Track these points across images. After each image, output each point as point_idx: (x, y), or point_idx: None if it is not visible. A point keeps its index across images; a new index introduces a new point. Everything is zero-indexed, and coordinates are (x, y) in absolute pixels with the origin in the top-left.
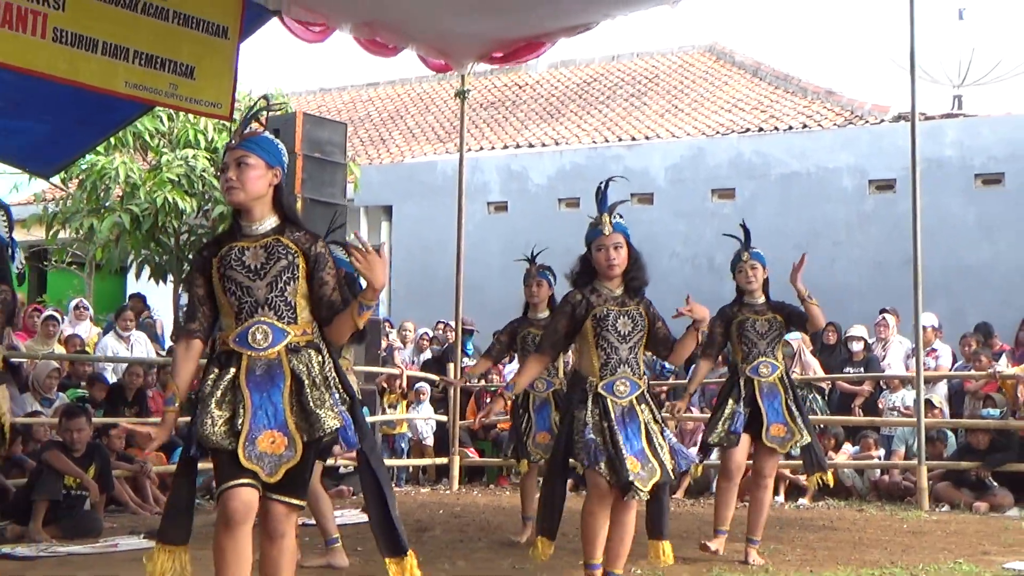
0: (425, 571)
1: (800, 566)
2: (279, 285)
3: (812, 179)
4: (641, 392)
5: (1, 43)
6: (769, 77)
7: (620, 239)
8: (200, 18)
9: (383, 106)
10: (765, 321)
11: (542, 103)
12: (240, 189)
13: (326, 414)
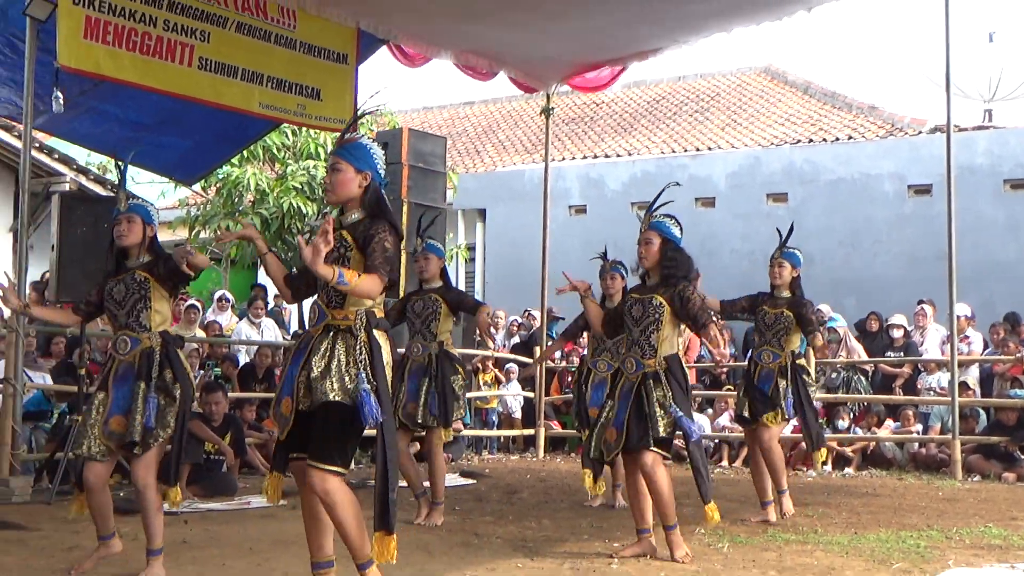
0: (515, 527)
1: (846, 528)
2: (343, 262)
3: (856, 184)
4: (651, 371)
5: (155, 71)
6: (818, 94)
7: (652, 235)
8: (323, 47)
9: (478, 122)
10: (774, 315)
11: (616, 118)
12: (331, 192)
13: (328, 386)
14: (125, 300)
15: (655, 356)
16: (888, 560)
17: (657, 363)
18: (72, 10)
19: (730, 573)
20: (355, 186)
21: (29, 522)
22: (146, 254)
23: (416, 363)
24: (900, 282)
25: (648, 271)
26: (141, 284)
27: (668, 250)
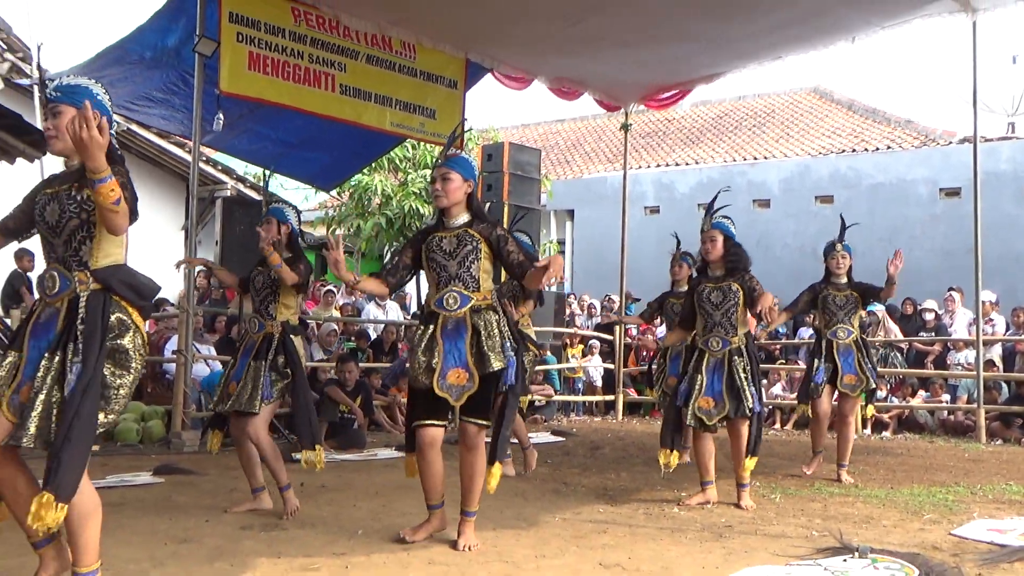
0: (597, 478)
1: (883, 484)
2: (466, 263)
3: (894, 188)
4: (735, 347)
5: (305, 96)
6: (860, 110)
7: (715, 234)
8: (439, 75)
9: (567, 136)
10: (843, 296)
11: (685, 132)
12: (444, 197)
13: (495, 357)
14: (261, 290)
15: (737, 334)
16: (920, 512)
17: (739, 340)
18: (236, 47)
19: (782, 520)
20: (462, 192)
21: (197, 468)
22: (285, 250)
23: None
24: (933, 272)
25: (711, 264)
26: (275, 280)
27: (730, 246)
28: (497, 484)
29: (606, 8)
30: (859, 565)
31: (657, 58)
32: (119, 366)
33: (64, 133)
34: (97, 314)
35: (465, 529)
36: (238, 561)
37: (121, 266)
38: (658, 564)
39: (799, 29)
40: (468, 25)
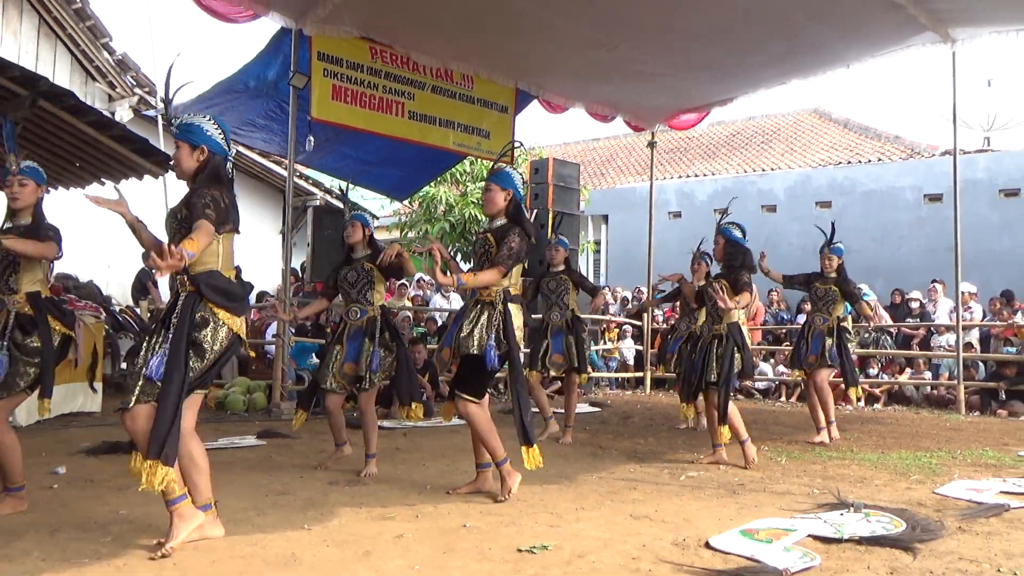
0: (628, 442)
1: (875, 449)
2: (482, 262)
3: (884, 195)
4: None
5: (379, 121)
6: (855, 127)
7: (719, 238)
8: (493, 102)
9: (602, 152)
10: (824, 290)
11: (703, 148)
12: (486, 206)
13: (470, 342)
14: (356, 283)
15: (720, 323)
16: (907, 473)
17: (721, 328)
18: (323, 81)
19: (787, 479)
20: (501, 201)
21: (293, 432)
22: (366, 249)
23: (556, 326)
24: (918, 267)
25: (720, 263)
26: (368, 272)
27: (728, 247)
28: (536, 461)
29: (635, 38)
30: (854, 518)
31: (678, 85)
32: (196, 354)
33: (179, 165)
34: (186, 312)
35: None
36: (326, 510)
37: (212, 272)
38: (680, 516)
39: (801, 59)
40: (517, 59)
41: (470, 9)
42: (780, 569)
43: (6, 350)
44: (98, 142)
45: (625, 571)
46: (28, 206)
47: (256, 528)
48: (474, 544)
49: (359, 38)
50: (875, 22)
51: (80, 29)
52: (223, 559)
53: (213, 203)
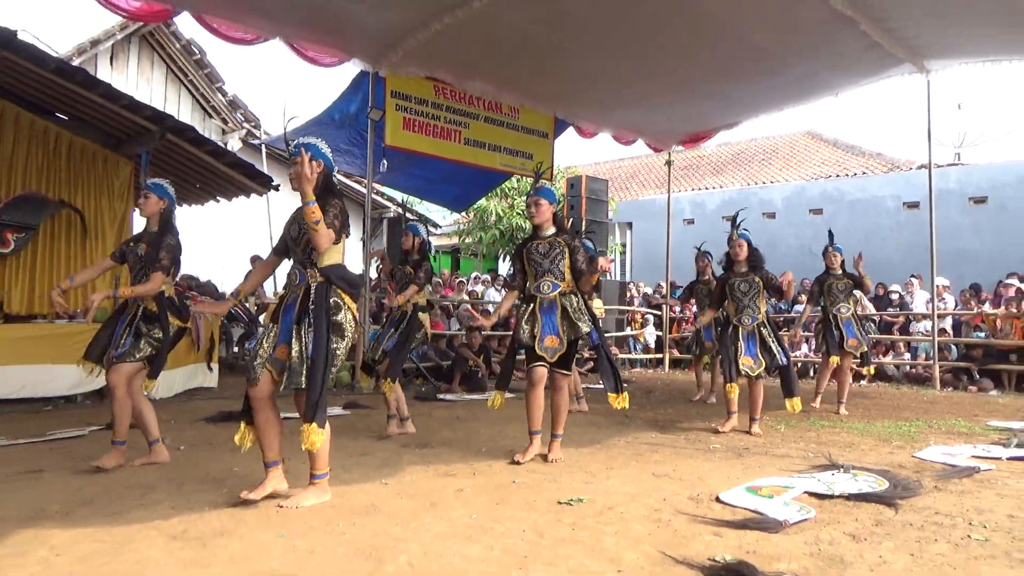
0: (651, 413)
1: (861, 419)
2: (556, 261)
3: (868, 203)
4: (760, 322)
5: (440, 147)
6: (843, 145)
7: (742, 242)
8: (534, 128)
9: (627, 169)
10: (842, 283)
11: (712, 165)
12: (537, 216)
13: (582, 325)
14: (399, 282)
15: (760, 312)
16: (889, 439)
17: (762, 316)
18: (395, 114)
19: (786, 444)
20: (549, 212)
21: (371, 404)
22: (416, 254)
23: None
24: (898, 264)
25: (737, 263)
26: (407, 275)
27: (752, 249)
28: (623, 403)
29: (652, 75)
30: (844, 478)
31: (690, 112)
32: (337, 335)
33: (300, 176)
34: (322, 298)
35: (554, 447)
36: (399, 468)
37: (338, 265)
38: (695, 475)
39: (795, 88)
40: (555, 93)
41: (514, 53)
42: (780, 520)
43: (133, 334)
44: (214, 167)
45: (648, 521)
46: (153, 215)
47: (343, 483)
48: (522, 497)
49: (424, 78)
50: (858, 57)
51: (199, 76)
52: (317, 508)
53: (341, 215)
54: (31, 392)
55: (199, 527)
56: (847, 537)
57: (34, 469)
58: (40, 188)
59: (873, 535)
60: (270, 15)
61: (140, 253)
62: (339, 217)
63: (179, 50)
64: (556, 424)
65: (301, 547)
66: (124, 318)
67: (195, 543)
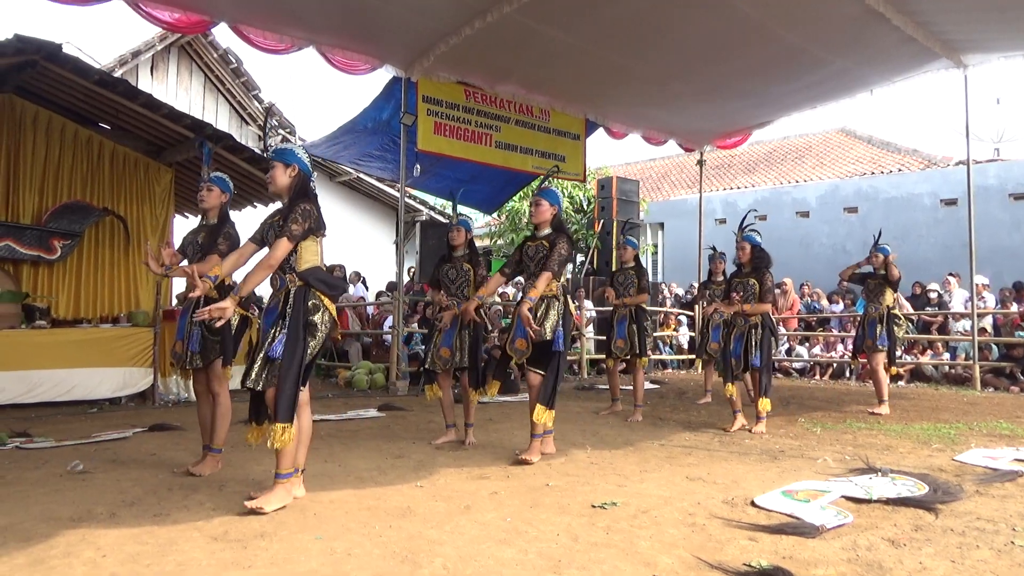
0: (684, 415)
1: (899, 421)
2: (541, 264)
3: (905, 200)
4: (753, 323)
5: (472, 150)
6: (878, 142)
7: (745, 244)
8: (565, 131)
9: (659, 170)
10: (875, 283)
11: (745, 164)
12: (536, 216)
13: (548, 330)
14: (456, 279)
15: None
16: (929, 442)
17: (756, 318)
18: (426, 119)
19: (822, 447)
20: (549, 213)
21: (406, 406)
22: (466, 249)
23: (620, 315)
24: (935, 262)
25: (743, 264)
26: (466, 271)
27: (756, 251)
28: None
29: (684, 75)
30: (882, 482)
31: (722, 112)
32: (310, 334)
33: (275, 182)
34: (300, 301)
35: (532, 447)
36: (434, 470)
37: (316, 267)
38: (729, 478)
39: (829, 86)
40: (585, 95)
41: (545, 56)
42: (817, 525)
43: (199, 327)
44: (251, 174)
45: (683, 525)
46: (213, 208)
47: (378, 485)
48: (555, 500)
49: (456, 83)
50: (893, 53)
51: (236, 84)
52: (353, 511)
53: (303, 216)
54: (78, 395)
55: (240, 529)
56: (886, 543)
57: (81, 471)
58: (84, 196)
59: (913, 541)
60: (304, 24)
61: (199, 241)
62: (301, 223)
63: (216, 59)
64: (534, 424)
65: (338, 549)
66: (186, 311)
67: (236, 545)
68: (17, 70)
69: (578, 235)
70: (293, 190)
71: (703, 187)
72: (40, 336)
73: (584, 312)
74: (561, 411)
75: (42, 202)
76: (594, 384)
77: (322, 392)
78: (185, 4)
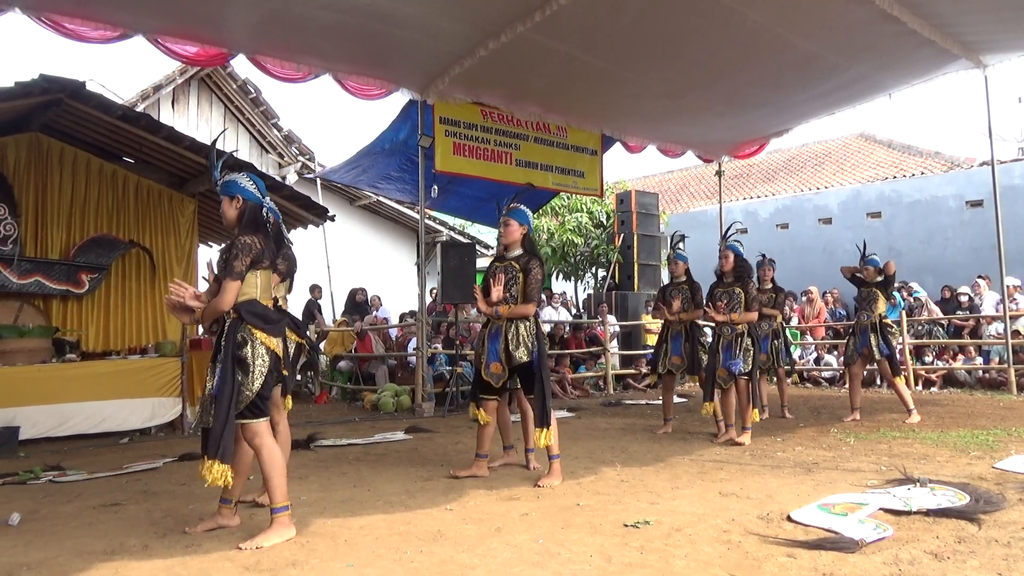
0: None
1: (935, 428)
2: (509, 286)
3: (929, 204)
4: (739, 332)
5: (492, 169)
6: (898, 146)
7: (728, 253)
8: (583, 146)
9: (677, 181)
10: (866, 292)
11: (764, 172)
12: (505, 237)
13: (518, 354)
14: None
15: (741, 324)
16: (967, 450)
17: (743, 327)
18: (445, 139)
19: (856, 458)
20: (518, 234)
21: (433, 428)
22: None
23: (675, 331)
24: (963, 265)
25: (725, 273)
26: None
27: (738, 261)
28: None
29: (699, 88)
30: (921, 492)
31: (739, 122)
32: (242, 370)
33: (224, 216)
34: (232, 334)
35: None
36: (463, 493)
37: (251, 301)
38: (763, 493)
39: (846, 91)
40: (601, 111)
41: (559, 74)
42: (856, 539)
43: None
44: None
45: (718, 542)
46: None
47: (408, 509)
48: (587, 520)
49: (472, 103)
50: (910, 56)
51: (255, 113)
52: (384, 536)
53: (242, 250)
54: (109, 426)
55: (271, 558)
56: (928, 556)
57: (113, 502)
58: (110, 230)
59: (956, 553)
60: (320, 53)
61: None
62: (243, 258)
63: (235, 90)
64: (549, 447)
65: None
66: None
67: (267, 574)
68: (43, 109)
69: (598, 250)
70: (241, 221)
71: (723, 197)
72: (71, 369)
73: (608, 327)
74: (588, 428)
75: (70, 237)
76: (620, 400)
77: (349, 416)
78: (203, 38)
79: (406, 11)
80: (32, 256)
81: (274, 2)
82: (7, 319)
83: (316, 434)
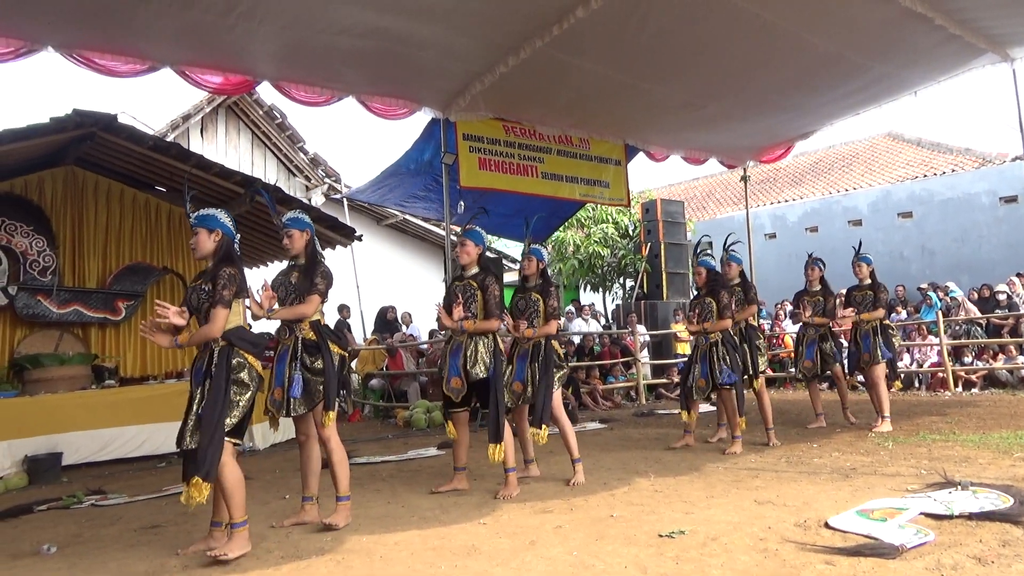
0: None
1: (976, 430)
2: (468, 304)
3: (961, 201)
4: (713, 342)
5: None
6: (927, 144)
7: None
8: (607, 157)
9: (703, 188)
10: (862, 295)
11: (791, 176)
12: (462, 257)
13: (475, 370)
14: (525, 310)
15: (716, 334)
16: (1010, 451)
17: (716, 336)
18: (469, 155)
19: (895, 462)
20: (474, 253)
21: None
22: (538, 279)
23: (701, 350)
24: (999, 262)
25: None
26: (535, 301)
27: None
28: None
29: (721, 96)
30: (963, 496)
31: (763, 127)
32: (238, 391)
33: (199, 247)
34: (224, 360)
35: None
36: (497, 506)
37: (238, 327)
38: (800, 500)
39: (870, 91)
40: (623, 122)
41: (581, 88)
42: (897, 545)
43: (300, 371)
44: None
45: (755, 551)
46: (300, 250)
47: (442, 524)
48: (621, 531)
49: (494, 119)
50: (935, 52)
51: (282, 138)
52: (419, 551)
53: (229, 281)
54: (148, 450)
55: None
56: (972, 560)
57: (153, 524)
58: (145, 257)
59: (1001, 557)
60: (342, 77)
61: (293, 282)
62: (230, 287)
63: (262, 116)
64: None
65: None
66: (284, 355)
67: None
68: (77, 143)
69: (625, 260)
70: (217, 255)
71: (749, 202)
72: (110, 395)
73: (638, 337)
74: (620, 439)
75: (106, 266)
76: (653, 410)
77: (382, 433)
78: (229, 67)
79: (424, 32)
80: (70, 286)
81: (296, 32)
82: (48, 348)
83: (350, 452)
